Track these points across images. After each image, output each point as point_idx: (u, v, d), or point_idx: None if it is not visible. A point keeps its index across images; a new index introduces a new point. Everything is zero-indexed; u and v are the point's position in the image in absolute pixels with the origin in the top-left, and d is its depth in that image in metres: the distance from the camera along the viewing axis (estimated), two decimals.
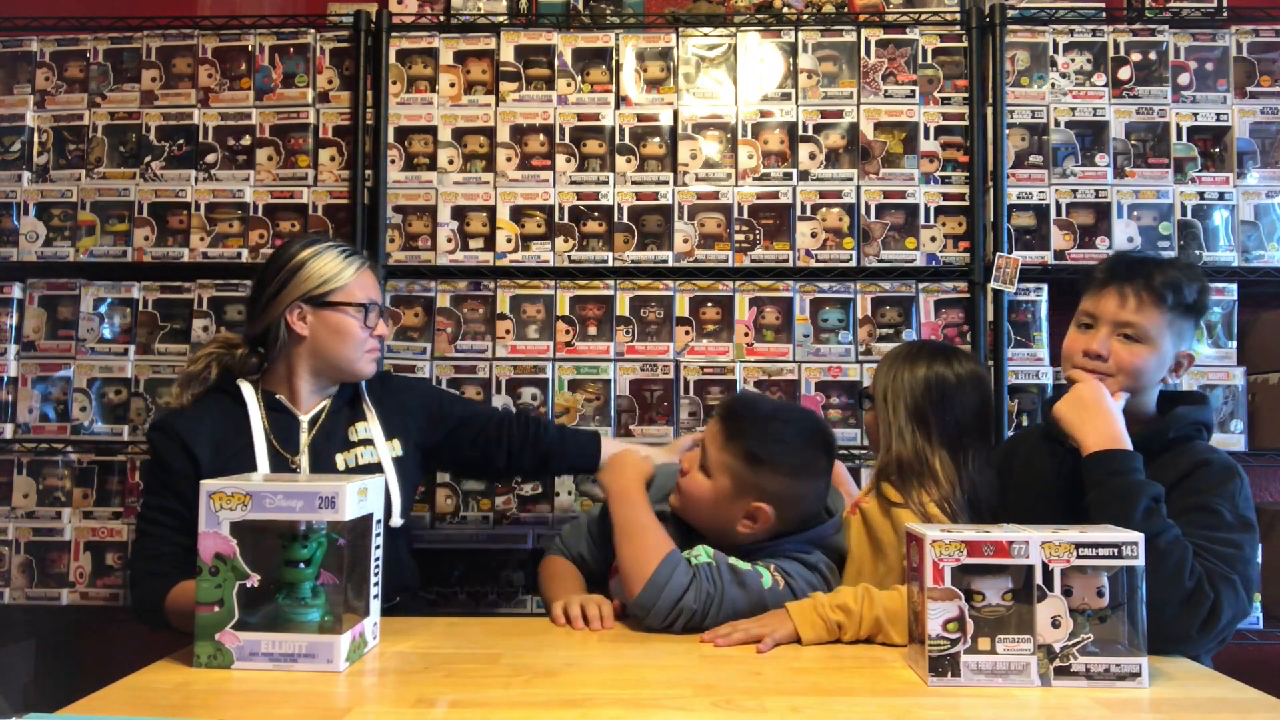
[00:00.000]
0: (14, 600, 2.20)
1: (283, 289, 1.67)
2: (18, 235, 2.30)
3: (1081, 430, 1.47)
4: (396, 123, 2.30)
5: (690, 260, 2.25)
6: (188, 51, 2.35)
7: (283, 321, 1.67)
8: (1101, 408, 1.47)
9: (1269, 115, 2.26)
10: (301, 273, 1.68)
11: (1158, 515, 1.37)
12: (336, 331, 1.69)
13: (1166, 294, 1.51)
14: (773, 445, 1.51)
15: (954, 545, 1.17)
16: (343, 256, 1.72)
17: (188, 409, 1.70)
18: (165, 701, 1.11)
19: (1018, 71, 2.29)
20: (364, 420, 1.76)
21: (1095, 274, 1.59)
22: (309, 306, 1.67)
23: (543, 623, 1.53)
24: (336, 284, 1.69)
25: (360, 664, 1.27)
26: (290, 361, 1.70)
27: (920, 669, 1.21)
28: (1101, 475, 1.42)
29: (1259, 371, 2.19)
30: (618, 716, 1.08)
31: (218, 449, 1.64)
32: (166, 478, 1.62)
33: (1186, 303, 1.53)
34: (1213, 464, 1.48)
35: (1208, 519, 1.41)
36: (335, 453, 1.71)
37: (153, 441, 1.66)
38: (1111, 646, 1.19)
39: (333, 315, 1.69)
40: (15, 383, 2.26)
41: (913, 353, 1.69)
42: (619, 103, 2.30)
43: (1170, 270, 1.54)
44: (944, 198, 2.25)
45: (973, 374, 1.66)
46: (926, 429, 1.61)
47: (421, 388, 2.00)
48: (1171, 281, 1.52)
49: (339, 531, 1.24)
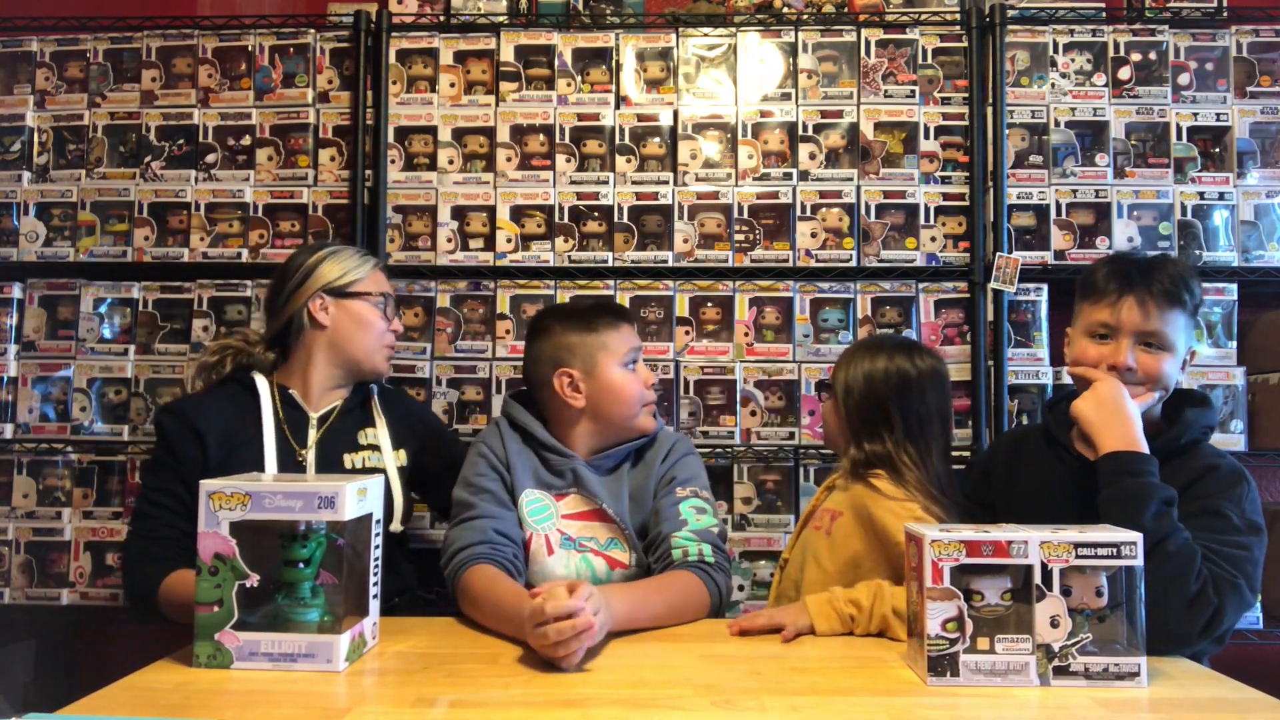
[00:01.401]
0: (14, 600, 2.20)
1: (304, 282, 1.73)
2: (18, 235, 2.30)
3: (1101, 431, 1.45)
4: (396, 123, 2.30)
5: (690, 260, 2.25)
6: (188, 51, 2.35)
7: (305, 311, 1.72)
8: (1123, 409, 1.46)
9: (1269, 115, 2.26)
10: (322, 267, 1.75)
11: (1168, 518, 1.36)
12: (358, 321, 1.74)
13: (1183, 295, 1.50)
14: (546, 316, 1.71)
15: (953, 545, 1.17)
16: (359, 255, 1.81)
17: (200, 395, 1.73)
18: (165, 701, 1.11)
19: (1018, 71, 2.29)
20: (373, 426, 1.78)
21: (1097, 281, 1.55)
22: (331, 297, 1.73)
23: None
24: (357, 275, 1.77)
25: (360, 664, 1.27)
26: (309, 352, 1.73)
27: (919, 668, 1.21)
28: (1114, 476, 1.41)
29: (1259, 371, 2.19)
30: (618, 716, 1.08)
31: (226, 437, 1.65)
32: (173, 461, 1.63)
33: (1197, 301, 1.53)
34: (1221, 468, 1.48)
35: (1217, 523, 1.41)
36: (343, 452, 1.72)
37: (162, 424, 1.67)
38: (1110, 646, 1.19)
39: (355, 304, 1.74)
40: (15, 383, 2.26)
41: (873, 346, 1.70)
42: (619, 103, 2.30)
43: (1173, 268, 1.53)
44: (944, 198, 2.25)
45: (932, 369, 1.67)
46: (889, 423, 1.62)
47: (431, 418, 2.04)
48: (1182, 281, 1.52)
49: (339, 531, 1.24)
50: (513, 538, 1.56)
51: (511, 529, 1.57)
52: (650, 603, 1.44)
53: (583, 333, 1.65)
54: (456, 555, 1.52)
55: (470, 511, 1.57)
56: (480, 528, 1.53)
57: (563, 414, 1.66)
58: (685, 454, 1.70)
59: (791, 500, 2.20)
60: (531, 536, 1.60)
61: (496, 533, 1.53)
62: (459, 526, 1.57)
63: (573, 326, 1.66)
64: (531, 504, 1.62)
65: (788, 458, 2.21)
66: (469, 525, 1.55)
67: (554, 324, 1.68)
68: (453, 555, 1.53)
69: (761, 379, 2.22)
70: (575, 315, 1.69)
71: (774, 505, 2.20)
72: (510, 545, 1.54)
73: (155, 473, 1.66)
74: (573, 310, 1.76)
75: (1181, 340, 1.53)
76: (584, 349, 1.63)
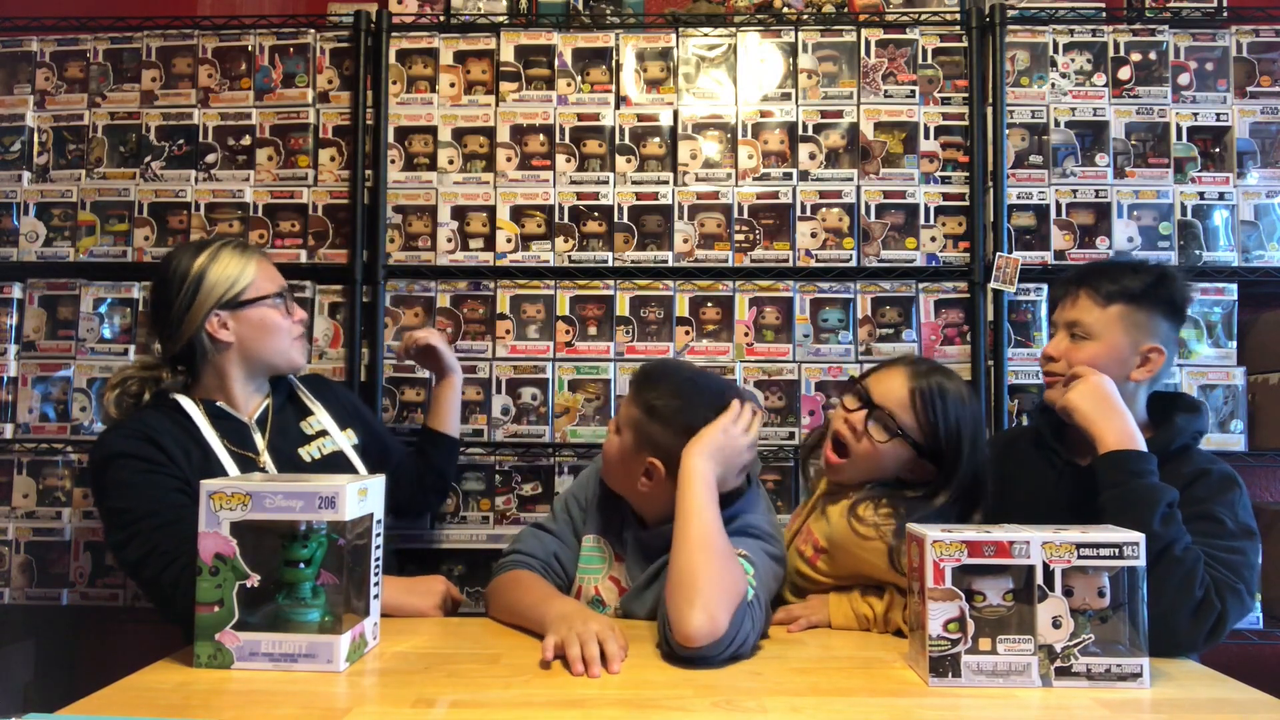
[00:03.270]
0: (14, 600, 2.19)
1: (193, 302, 1.62)
2: (18, 235, 2.30)
3: (1099, 425, 1.46)
4: (396, 123, 2.30)
5: (690, 260, 2.25)
6: (188, 51, 2.34)
7: (203, 334, 1.63)
8: (1116, 402, 1.48)
9: (1269, 115, 2.26)
10: (206, 281, 1.63)
11: (1174, 522, 1.36)
12: (262, 328, 1.66)
13: (1103, 287, 1.57)
14: (670, 400, 1.49)
15: (955, 545, 1.17)
16: (239, 253, 1.68)
17: (138, 417, 1.60)
18: (165, 701, 1.11)
19: (1018, 71, 2.28)
20: (311, 414, 1.77)
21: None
22: (226, 312, 1.64)
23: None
24: (245, 281, 1.65)
25: (360, 664, 1.27)
26: (220, 369, 1.66)
27: (921, 669, 1.21)
28: (1118, 476, 1.41)
29: (1259, 371, 2.19)
30: (618, 716, 1.08)
31: (186, 455, 1.55)
32: (152, 469, 1.50)
33: (1132, 293, 1.55)
34: (1212, 473, 1.49)
35: (1211, 527, 1.41)
36: (296, 447, 1.70)
37: (116, 447, 1.52)
38: (1112, 647, 1.19)
39: (253, 313, 1.66)
40: (15, 383, 2.25)
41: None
42: (619, 103, 2.30)
43: (1116, 267, 1.60)
44: (944, 198, 2.25)
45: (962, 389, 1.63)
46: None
47: (354, 397, 2.03)
48: (1110, 275, 1.58)
49: (339, 531, 1.24)
50: (564, 567, 1.63)
51: (569, 562, 1.64)
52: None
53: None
54: (515, 554, 1.62)
55: (555, 524, 1.67)
56: (547, 545, 1.63)
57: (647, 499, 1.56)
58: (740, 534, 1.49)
59: (791, 500, 2.20)
60: (579, 583, 1.63)
61: (556, 557, 1.63)
62: (533, 531, 1.67)
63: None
64: (588, 550, 1.63)
65: (788, 458, 2.21)
66: (539, 536, 1.65)
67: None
68: (513, 551, 1.63)
69: (761, 379, 2.22)
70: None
71: (774, 506, 2.20)
72: (560, 575, 1.62)
73: (142, 495, 1.49)
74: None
75: (1118, 334, 1.54)
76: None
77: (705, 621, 1.24)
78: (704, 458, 1.40)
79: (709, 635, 1.24)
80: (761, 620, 1.36)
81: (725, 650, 1.26)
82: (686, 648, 1.25)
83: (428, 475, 1.99)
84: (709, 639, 1.24)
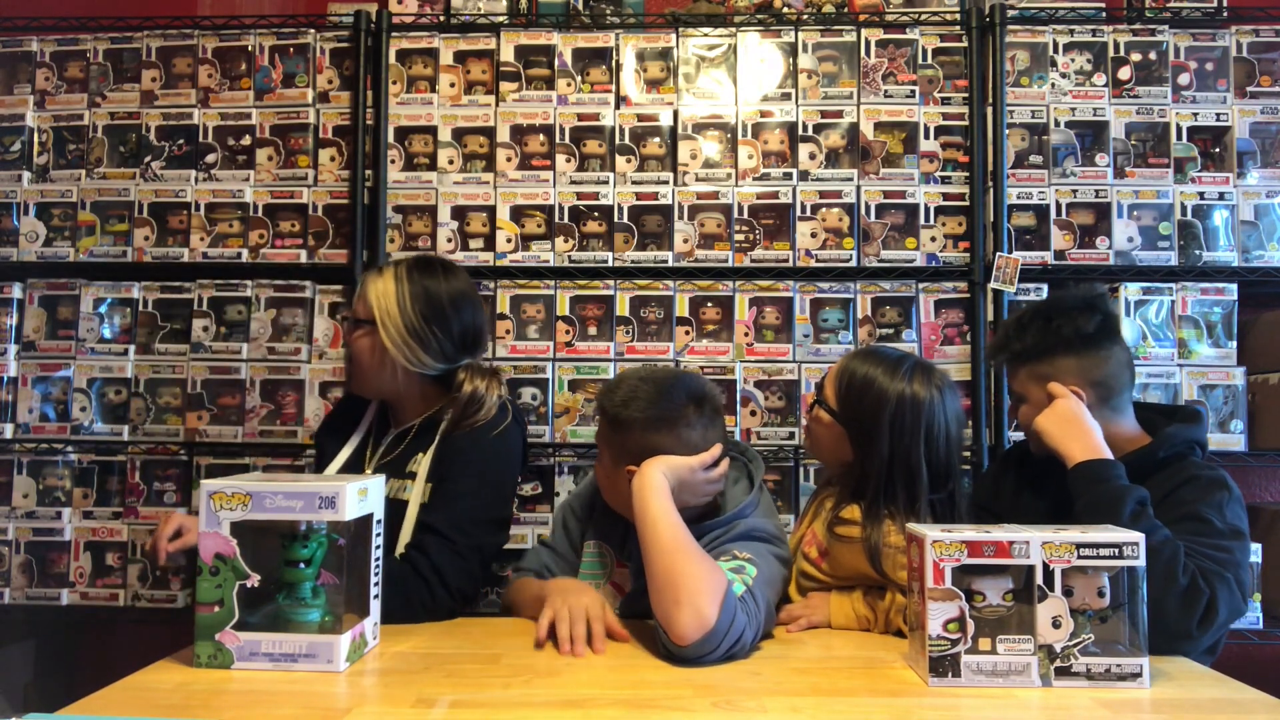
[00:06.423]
0: (14, 600, 2.20)
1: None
2: (18, 235, 2.30)
3: (1065, 443, 1.51)
4: (396, 123, 2.30)
5: (690, 260, 2.25)
6: (188, 51, 2.35)
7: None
8: (1081, 422, 1.52)
9: (1269, 115, 2.26)
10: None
11: (1145, 517, 1.38)
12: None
13: (1000, 358, 1.69)
14: (629, 402, 1.47)
15: (954, 545, 1.17)
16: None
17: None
18: (165, 701, 1.11)
19: (1018, 71, 2.29)
20: (424, 452, 1.64)
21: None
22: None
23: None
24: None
25: (360, 664, 1.27)
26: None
27: (920, 669, 1.21)
28: (1086, 484, 1.45)
29: (1259, 371, 2.19)
30: (618, 716, 1.07)
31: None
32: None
33: (1024, 354, 1.61)
34: (1201, 478, 1.49)
35: (1197, 527, 1.42)
36: (391, 476, 1.63)
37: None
38: (1112, 647, 1.19)
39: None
40: (15, 383, 2.26)
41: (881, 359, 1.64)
42: (619, 103, 2.30)
43: (1007, 333, 1.65)
44: (944, 198, 2.25)
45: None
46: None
47: (477, 455, 1.70)
48: (1003, 344, 1.65)
49: (339, 531, 1.24)
50: (555, 572, 1.65)
51: (561, 570, 1.66)
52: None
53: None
54: (520, 569, 1.70)
55: (552, 537, 1.71)
56: (544, 559, 1.67)
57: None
58: (744, 539, 1.48)
59: (791, 500, 2.20)
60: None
61: (548, 569, 1.66)
62: (540, 546, 1.72)
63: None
64: (589, 556, 1.64)
65: (788, 458, 2.21)
66: (539, 553, 1.70)
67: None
68: (517, 567, 1.72)
69: (761, 379, 2.22)
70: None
71: (774, 506, 2.20)
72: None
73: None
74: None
75: (1036, 389, 1.60)
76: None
77: (693, 617, 1.24)
78: (658, 469, 1.40)
79: (700, 629, 1.24)
80: (760, 618, 1.35)
81: (720, 643, 1.26)
82: (682, 647, 1.25)
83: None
84: (701, 633, 1.24)
